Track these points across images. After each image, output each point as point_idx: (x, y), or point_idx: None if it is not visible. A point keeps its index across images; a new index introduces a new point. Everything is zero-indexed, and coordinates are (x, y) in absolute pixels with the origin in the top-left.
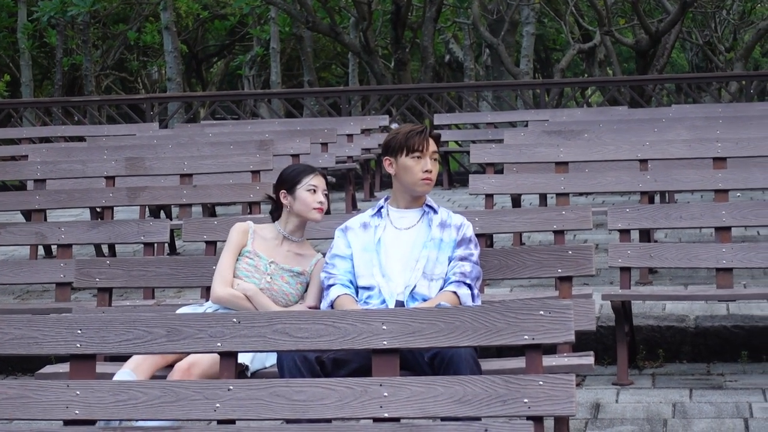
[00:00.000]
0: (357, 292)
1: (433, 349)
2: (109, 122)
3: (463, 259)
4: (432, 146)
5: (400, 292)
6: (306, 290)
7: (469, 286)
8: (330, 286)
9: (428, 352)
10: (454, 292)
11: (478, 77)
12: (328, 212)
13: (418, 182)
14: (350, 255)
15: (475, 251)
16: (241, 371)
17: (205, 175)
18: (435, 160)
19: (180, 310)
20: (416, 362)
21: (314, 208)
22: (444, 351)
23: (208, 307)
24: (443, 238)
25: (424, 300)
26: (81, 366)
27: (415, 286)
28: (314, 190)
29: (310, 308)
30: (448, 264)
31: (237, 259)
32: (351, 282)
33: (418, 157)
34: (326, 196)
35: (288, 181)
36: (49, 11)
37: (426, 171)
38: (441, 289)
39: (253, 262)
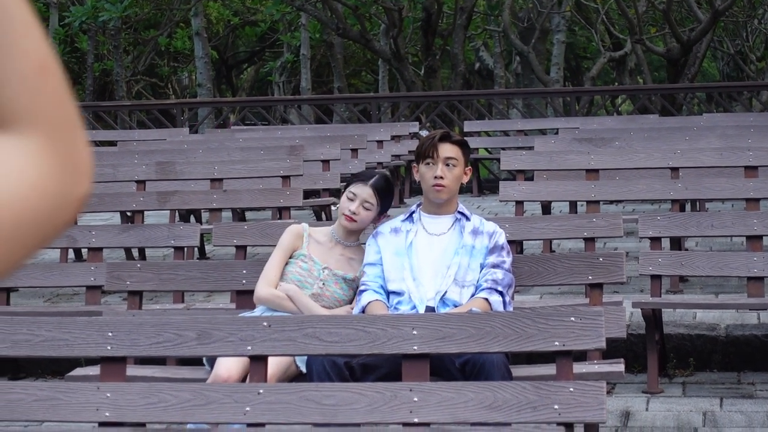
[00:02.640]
0: (388, 297)
1: (464, 356)
2: (140, 127)
3: (495, 266)
4: (446, 152)
5: (430, 298)
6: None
7: (501, 294)
8: (362, 291)
9: (459, 359)
10: (486, 299)
11: (508, 85)
12: None
13: (430, 189)
14: (380, 260)
15: (507, 259)
16: None
17: (236, 180)
18: (452, 166)
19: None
20: (447, 369)
21: (344, 214)
22: (476, 357)
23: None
24: (475, 245)
25: (455, 306)
26: (111, 368)
27: (446, 292)
28: (352, 198)
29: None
30: (480, 271)
31: (289, 262)
32: (382, 287)
33: (430, 164)
34: (367, 208)
35: (345, 185)
36: (80, 16)
37: (436, 177)
38: (472, 296)
39: (307, 266)
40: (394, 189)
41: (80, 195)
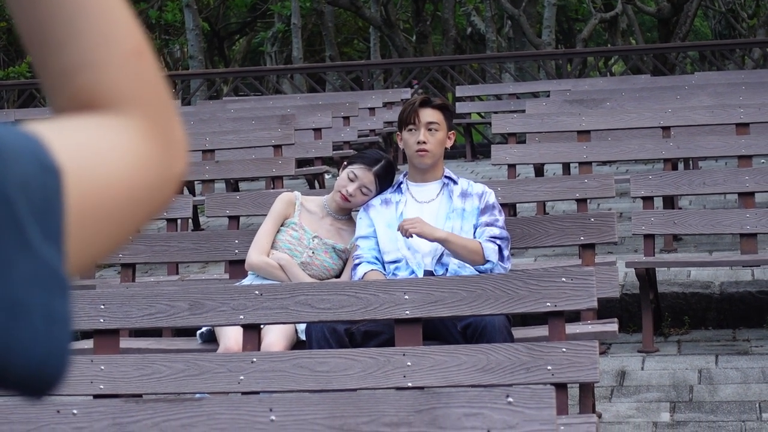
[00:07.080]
0: (384, 268)
1: (465, 320)
2: None
3: (489, 224)
4: (427, 117)
5: (428, 263)
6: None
7: (499, 247)
8: (356, 265)
9: (461, 323)
10: (479, 242)
11: (500, 49)
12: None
13: (414, 155)
14: (372, 232)
15: (500, 217)
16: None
17: (228, 151)
18: (434, 130)
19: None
20: (449, 332)
21: (339, 191)
22: (477, 321)
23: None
24: (465, 207)
25: (454, 269)
26: (105, 341)
27: (442, 255)
28: (352, 179)
29: None
30: (474, 232)
31: (280, 230)
32: (377, 258)
33: (413, 130)
34: (364, 193)
35: (348, 160)
36: None
37: (419, 143)
38: None
39: (297, 234)
40: (394, 175)
41: (178, 173)
